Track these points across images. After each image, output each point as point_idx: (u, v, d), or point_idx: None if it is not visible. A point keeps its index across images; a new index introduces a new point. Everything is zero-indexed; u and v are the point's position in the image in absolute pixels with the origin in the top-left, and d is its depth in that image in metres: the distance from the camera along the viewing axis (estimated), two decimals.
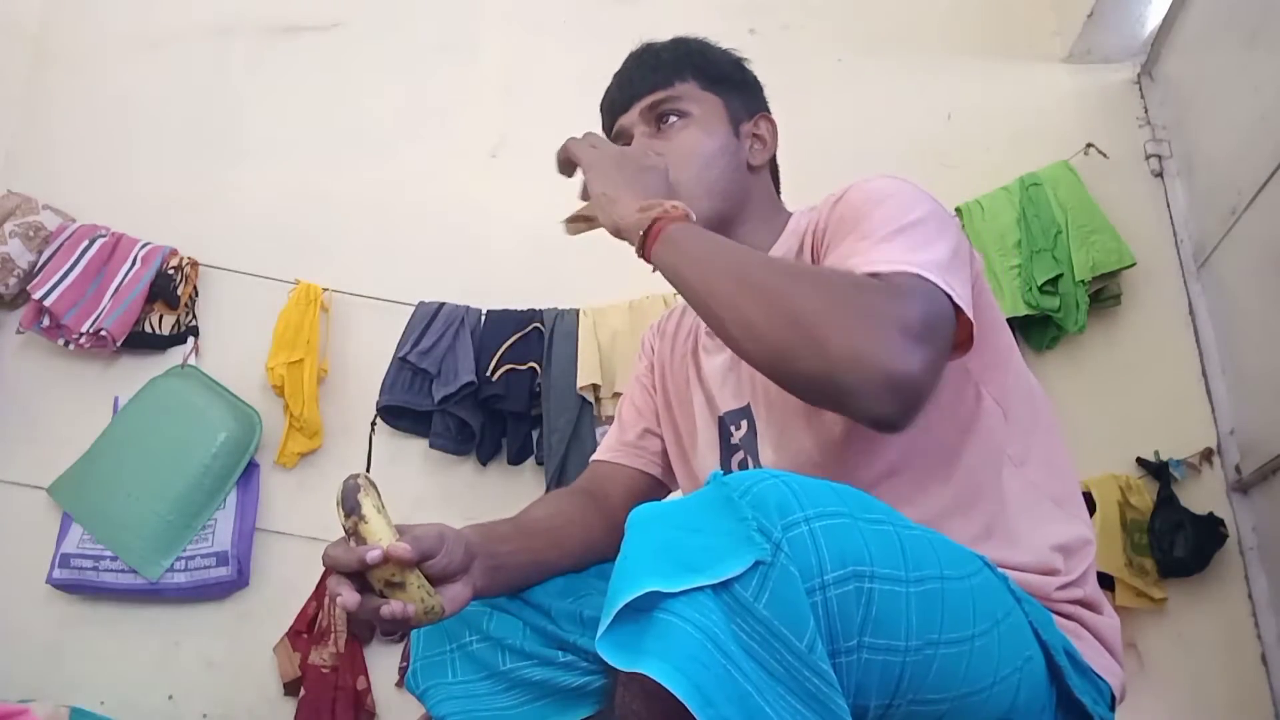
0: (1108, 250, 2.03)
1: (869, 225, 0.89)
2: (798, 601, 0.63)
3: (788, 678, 0.62)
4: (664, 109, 1.10)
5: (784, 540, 0.64)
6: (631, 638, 0.63)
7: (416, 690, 0.98)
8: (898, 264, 0.83)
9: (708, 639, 0.60)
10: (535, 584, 0.98)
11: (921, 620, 0.69)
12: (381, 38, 2.56)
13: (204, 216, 2.39)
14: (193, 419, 2.12)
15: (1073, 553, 0.94)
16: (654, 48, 1.16)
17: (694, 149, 1.08)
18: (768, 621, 0.62)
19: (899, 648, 0.68)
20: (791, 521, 0.65)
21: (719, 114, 1.11)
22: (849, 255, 0.87)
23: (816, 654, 0.63)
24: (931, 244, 0.87)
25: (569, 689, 0.95)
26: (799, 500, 0.67)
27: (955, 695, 0.72)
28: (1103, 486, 1.92)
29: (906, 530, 0.72)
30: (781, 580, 0.63)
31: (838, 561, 0.65)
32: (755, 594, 0.62)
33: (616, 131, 1.14)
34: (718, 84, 1.13)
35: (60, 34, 2.62)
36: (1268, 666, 1.86)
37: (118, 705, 2.03)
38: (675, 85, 1.10)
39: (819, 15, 2.46)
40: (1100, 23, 2.21)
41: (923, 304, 0.80)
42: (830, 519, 0.67)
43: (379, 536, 0.79)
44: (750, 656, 0.61)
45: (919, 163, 2.22)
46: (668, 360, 1.22)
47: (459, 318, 2.17)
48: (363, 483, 0.83)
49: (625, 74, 1.16)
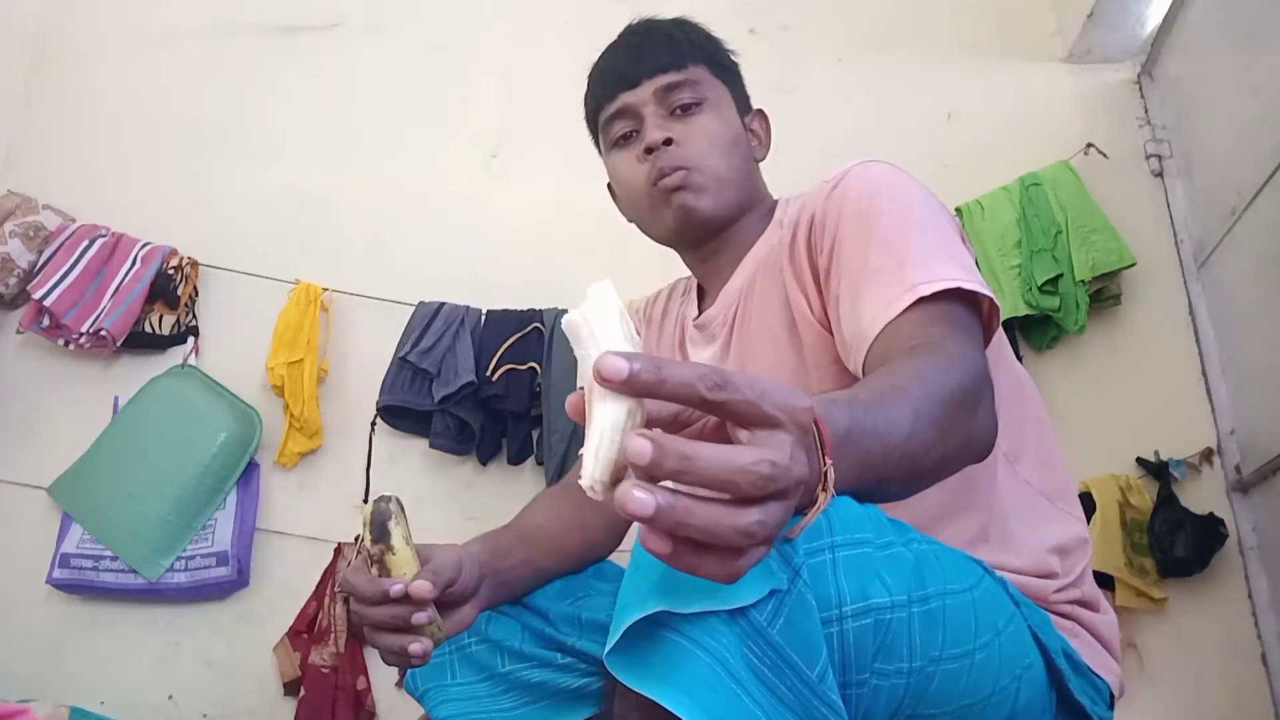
0: (1108, 250, 2.03)
1: (883, 230, 0.88)
2: (812, 631, 0.61)
3: (797, 705, 0.60)
4: (681, 91, 1.06)
5: (804, 567, 0.62)
6: (640, 655, 0.60)
7: (416, 692, 0.98)
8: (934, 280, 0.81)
9: (717, 663, 0.59)
10: (535, 590, 0.98)
11: (925, 639, 0.68)
12: (381, 38, 2.56)
13: (204, 216, 2.38)
14: (193, 419, 2.12)
15: (1069, 553, 0.94)
16: (660, 25, 1.11)
17: (716, 134, 1.05)
18: (780, 648, 0.60)
19: (903, 669, 0.67)
20: (815, 548, 0.63)
21: (729, 102, 1.09)
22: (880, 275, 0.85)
23: (827, 684, 0.61)
24: (947, 242, 0.87)
25: (568, 691, 0.95)
26: (830, 523, 0.64)
27: (956, 707, 0.72)
28: (1103, 486, 1.92)
29: (918, 546, 0.70)
30: (797, 608, 0.61)
31: (858, 594, 0.63)
32: (770, 619, 0.60)
33: (619, 108, 1.08)
34: (725, 72, 1.10)
35: (60, 34, 2.62)
36: (1268, 666, 1.86)
37: (118, 705, 2.03)
38: (689, 68, 1.06)
39: (819, 15, 2.45)
40: (1100, 23, 2.21)
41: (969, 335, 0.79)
42: (853, 549, 0.65)
43: (404, 570, 0.80)
44: (760, 681, 0.60)
45: (919, 163, 2.18)
46: (654, 348, 1.21)
47: (459, 318, 2.17)
48: (394, 510, 0.82)
49: (632, 48, 1.10)
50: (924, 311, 0.81)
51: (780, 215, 1.08)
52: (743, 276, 1.06)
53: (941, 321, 0.80)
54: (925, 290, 0.81)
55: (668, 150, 1.03)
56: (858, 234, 0.90)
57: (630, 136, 1.08)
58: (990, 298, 0.83)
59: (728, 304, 1.07)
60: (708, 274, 1.12)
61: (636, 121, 1.07)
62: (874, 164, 0.97)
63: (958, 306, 0.82)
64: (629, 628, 0.60)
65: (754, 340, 1.02)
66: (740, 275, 1.07)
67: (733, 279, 1.07)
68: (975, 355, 0.76)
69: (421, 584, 0.79)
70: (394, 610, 0.80)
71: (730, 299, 1.07)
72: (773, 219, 1.09)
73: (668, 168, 1.03)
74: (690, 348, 1.13)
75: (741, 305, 1.05)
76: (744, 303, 1.05)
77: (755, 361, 1.02)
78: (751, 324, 1.03)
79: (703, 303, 1.15)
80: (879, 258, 0.87)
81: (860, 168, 0.96)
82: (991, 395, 0.77)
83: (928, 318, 0.80)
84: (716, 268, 1.10)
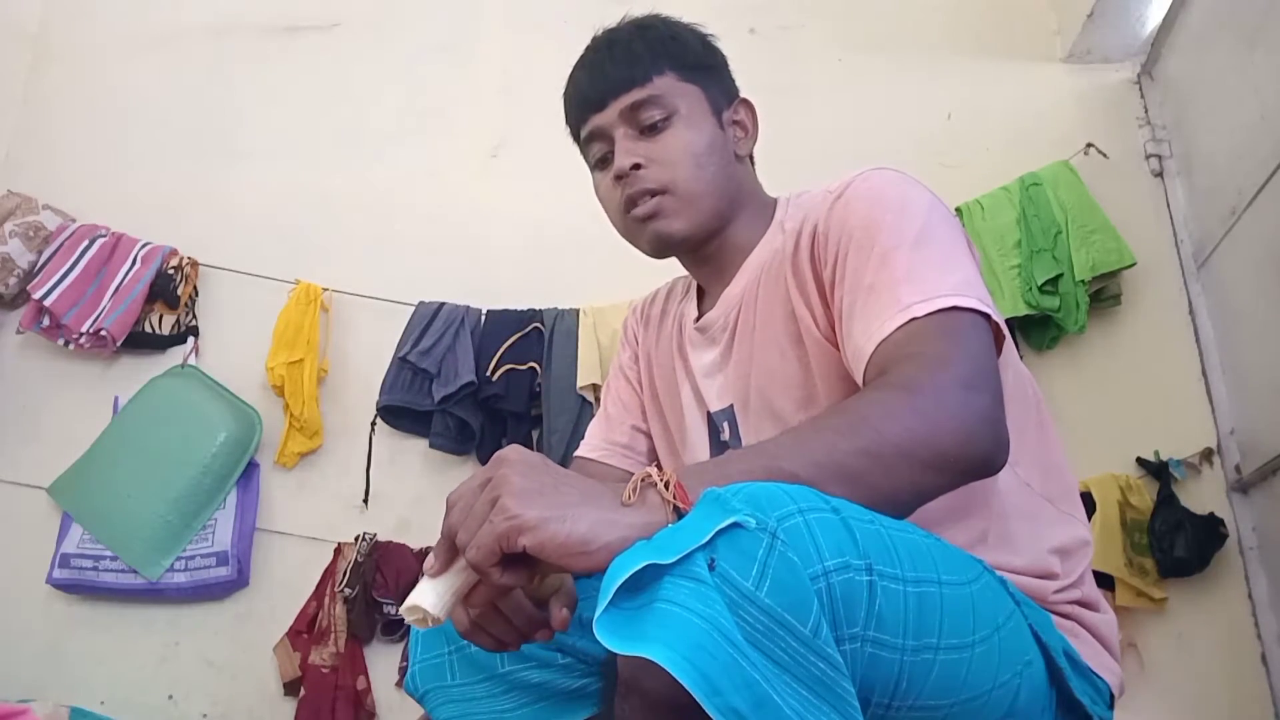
0: (1108, 250, 2.03)
1: (884, 244, 0.88)
2: (800, 586, 0.61)
3: (794, 665, 0.61)
4: (646, 109, 1.04)
5: (780, 529, 0.62)
6: (632, 624, 0.61)
7: (416, 693, 0.97)
8: (932, 298, 0.82)
9: (713, 627, 0.59)
10: None
11: (920, 621, 0.68)
12: (381, 38, 2.56)
13: (204, 216, 2.39)
14: (193, 419, 2.12)
15: (1070, 555, 0.94)
16: (622, 37, 1.09)
17: (685, 149, 1.03)
18: (771, 610, 0.60)
19: (898, 645, 0.67)
20: (785, 513, 0.64)
21: (701, 106, 1.06)
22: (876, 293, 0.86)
23: (822, 638, 0.61)
24: (950, 257, 0.87)
25: (567, 691, 0.95)
26: (791, 496, 0.66)
27: (955, 700, 0.72)
28: (1103, 486, 1.92)
29: (901, 533, 0.71)
30: (782, 566, 0.61)
31: (835, 551, 0.64)
32: (756, 583, 0.61)
33: (591, 130, 1.07)
34: (695, 72, 1.07)
35: (60, 34, 2.62)
36: (1268, 666, 1.86)
37: (118, 705, 2.03)
38: (653, 80, 1.04)
39: (819, 15, 2.45)
40: (1100, 23, 2.21)
41: (959, 346, 0.80)
42: (822, 513, 0.66)
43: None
44: (755, 647, 0.60)
45: (919, 163, 2.19)
46: (653, 349, 1.20)
47: (459, 318, 2.17)
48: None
49: (595, 67, 1.08)
50: (921, 325, 0.82)
51: (781, 217, 1.07)
52: (744, 280, 1.06)
53: (938, 336, 0.81)
54: (920, 311, 0.82)
55: (636, 175, 1.03)
56: (859, 248, 0.90)
57: (607, 159, 1.07)
58: (996, 319, 0.85)
59: (729, 308, 1.06)
60: (707, 276, 1.12)
61: (608, 143, 1.06)
62: (876, 173, 0.96)
63: (958, 316, 0.83)
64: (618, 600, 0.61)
65: (760, 350, 1.02)
66: (742, 279, 1.06)
67: (734, 282, 1.07)
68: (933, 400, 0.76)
69: (565, 615, 0.79)
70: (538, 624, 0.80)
71: (731, 303, 1.06)
72: (773, 220, 1.08)
73: (636, 194, 1.03)
74: (690, 349, 1.12)
75: (743, 310, 1.05)
76: (746, 308, 1.04)
77: (763, 372, 1.01)
78: (756, 332, 1.03)
79: (702, 303, 1.15)
80: (877, 273, 0.87)
81: (862, 178, 0.95)
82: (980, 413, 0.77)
83: (924, 332, 0.81)
84: (716, 270, 1.10)
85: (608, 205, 1.09)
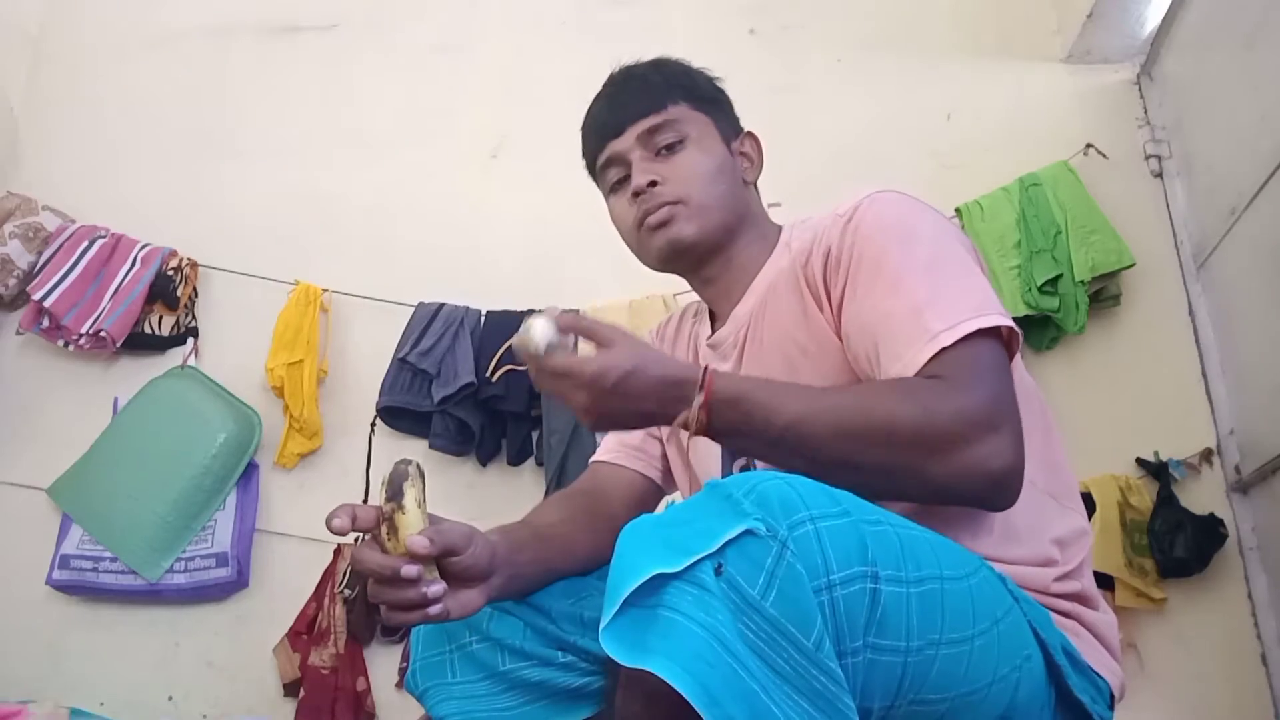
0: (1107, 250, 2.03)
1: (896, 269, 0.91)
2: (805, 600, 0.63)
3: (795, 677, 0.62)
4: (662, 133, 1.10)
5: (790, 539, 0.64)
6: (636, 633, 0.62)
7: (416, 691, 0.98)
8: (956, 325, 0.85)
9: (713, 637, 0.60)
10: (543, 588, 0.99)
11: (923, 621, 0.69)
12: (381, 38, 2.56)
13: (204, 217, 2.39)
14: (192, 420, 2.12)
15: (1069, 544, 0.95)
16: (638, 71, 1.16)
17: (697, 168, 1.08)
18: (775, 620, 0.62)
19: (901, 648, 0.68)
20: (797, 520, 0.65)
21: (712, 132, 1.12)
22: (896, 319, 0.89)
23: (824, 652, 0.63)
24: (963, 275, 0.91)
25: (568, 690, 0.95)
26: (803, 499, 0.67)
27: (955, 695, 0.73)
28: (1102, 487, 1.92)
29: (905, 530, 0.72)
30: (788, 578, 0.63)
31: (844, 561, 0.65)
32: (762, 592, 0.62)
33: (609, 157, 1.13)
34: (706, 104, 1.14)
35: (60, 34, 2.62)
36: (1268, 666, 1.86)
37: (118, 705, 2.03)
38: (668, 108, 1.10)
39: (819, 15, 2.45)
40: (1100, 23, 2.21)
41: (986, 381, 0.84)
42: (834, 519, 0.67)
43: (412, 531, 0.81)
44: (757, 655, 0.61)
45: (919, 163, 2.22)
46: None
47: (459, 318, 2.17)
48: (412, 472, 0.84)
49: (613, 98, 1.15)
50: (951, 357, 0.85)
51: (787, 239, 1.11)
52: (753, 299, 1.09)
53: (964, 364, 0.84)
54: (948, 339, 0.85)
55: (652, 191, 1.08)
56: (871, 276, 0.93)
57: (623, 183, 1.12)
58: (1010, 326, 0.88)
59: (738, 326, 1.10)
60: (716, 297, 1.15)
61: (625, 167, 1.11)
62: (882, 195, 0.99)
63: (979, 342, 0.86)
64: (624, 607, 0.62)
65: (768, 364, 1.04)
66: (750, 298, 1.09)
67: (743, 302, 1.10)
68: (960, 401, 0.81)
69: (419, 540, 0.79)
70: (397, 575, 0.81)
71: (741, 321, 1.09)
72: (779, 243, 1.11)
73: (652, 208, 1.08)
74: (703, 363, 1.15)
75: (752, 326, 1.08)
76: (754, 325, 1.07)
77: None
78: (764, 347, 1.05)
79: (715, 324, 1.17)
80: (894, 300, 0.90)
81: (869, 201, 0.98)
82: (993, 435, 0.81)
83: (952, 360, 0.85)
84: (723, 291, 1.13)
85: (622, 224, 1.13)
